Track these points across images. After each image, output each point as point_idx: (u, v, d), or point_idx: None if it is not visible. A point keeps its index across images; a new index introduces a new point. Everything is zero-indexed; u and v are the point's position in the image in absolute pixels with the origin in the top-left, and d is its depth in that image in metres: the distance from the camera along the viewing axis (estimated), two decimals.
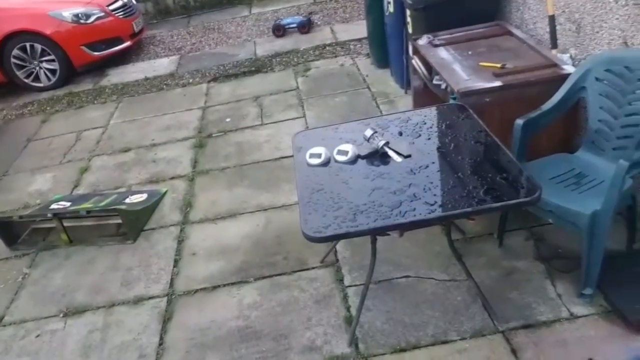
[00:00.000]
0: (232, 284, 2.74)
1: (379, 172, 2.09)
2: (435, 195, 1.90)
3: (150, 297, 2.75)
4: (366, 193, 1.97)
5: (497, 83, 2.56)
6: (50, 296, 2.88)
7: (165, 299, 2.73)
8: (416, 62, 3.19)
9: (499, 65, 2.71)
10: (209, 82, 5.35)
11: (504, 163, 2.03)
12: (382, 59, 4.67)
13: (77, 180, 4.00)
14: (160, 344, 2.48)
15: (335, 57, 5.35)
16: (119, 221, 3.19)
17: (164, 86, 5.47)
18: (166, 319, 2.60)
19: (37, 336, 2.65)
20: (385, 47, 4.45)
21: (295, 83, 4.91)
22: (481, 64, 2.78)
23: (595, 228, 2.04)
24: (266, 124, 4.29)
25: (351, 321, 2.39)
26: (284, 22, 6.26)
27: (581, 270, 2.22)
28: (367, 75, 4.79)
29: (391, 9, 3.98)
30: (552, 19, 2.76)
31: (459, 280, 2.51)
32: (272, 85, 4.97)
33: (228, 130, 4.29)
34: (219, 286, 2.75)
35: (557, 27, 2.79)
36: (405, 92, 4.27)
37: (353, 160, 2.20)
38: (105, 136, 4.61)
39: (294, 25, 6.14)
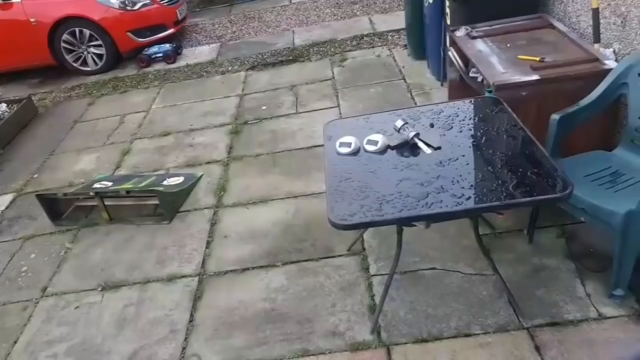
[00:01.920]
0: (261, 267, 2.82)
1: (407, 162, 2.10)
2: (463, 188, 1.90)
3: (183, 276, 2.86)
4: (393, 183, 1.98)
5: (535, 76, 2.51)
6: (90, 270, 3.04)
7: (196, 278, 2.83)
8: (453, 54, 3.16)
9: (537, 58, 2.66)
10: (247, 70, 5.43)
11: (536, 158, 2.00)
12: (419, 51, 4.63)
13: (119, 161, 4.17)
14: (191, 321, 2.58)
15: (373, 47, 5.33)
16: (157, 202, 3.32)
17: (204, 73, 5.59)
18: (197, 298, 2.71)
19: (77, 307, 2.80)
20: (423, 38, 4.41)
21: (331, 73, 4.94)
22: (519, 57, 2.72)
23: (629, 228, 1.99)
24: (300, 113, 4.34)
25: (374, 309, 2.42)
26: (149, 52, 6.09)
27: (612, 270, 2.17)
28: (403, 67, 4.76)
29: (430, 0, 3.94)
30: (596, 12, 2.67)
31: (485, 275, 2.50)
32: (308, 74, 5.01)
33: (263, 118, 4.37)
34: (248, 269, 2.83)
35: (601, 21, 2.70)
36: (441, 85, 4.22)
37: (382, 151, 2.21)
38: (147, 120, 4.78)
39: (160, 54, 6.06)
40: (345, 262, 2.74)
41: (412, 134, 2.18)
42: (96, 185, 3.66)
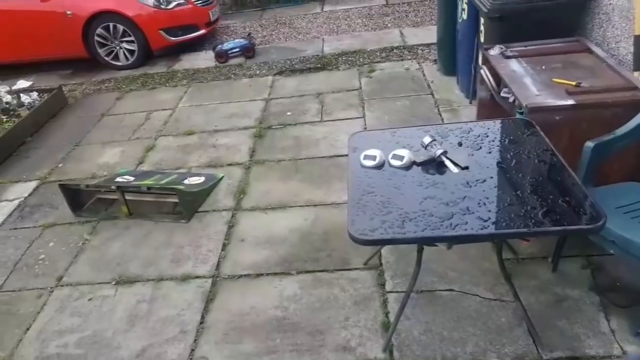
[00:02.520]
0: (275, 274, 2.79)
1: (433, 180, 2.06)
2: (489, 211, 1.84)
3: (197, 277, 2.85)
4: (417, 201, 1.94)
5: (570, 101, 2.44)
6: (106, 264, 3.05)
7: (210, 280, 2.81)
8: (485, 72, 3.10)
9: (573, 82, 2.59)
10: (275, 75, 5.45)
11: (568, 186, 1.94)
12: (449, 66, 4.58)
13: (143, 157, 4.20)
14: (201, 323, 2.56)
15: (402, 60, 5.30)
16: (176, 200, 3.33)
17: (232, 75, 5.63)
18: (209, 300, 2.69)
19: (90, 300, 2.81)
20: (454, 54, 4.36)
21: (358, 83, 4.91)
22: (555, 80, 2.66)
23: None
24: (325, 121, 4.32)
25: (388, 327, 2.37)
26: (226, 47, 6.03)
27: None
28: (432, 82, 4.71)
29: (465, 15, 3.89)
30: (638, 40, 2.60)
31: (505, 301, 2.43)
32: (335, 83, 4.99)
33: (287, 124, 4.36)
34: (262, 274, 2.80)
35: None
36: (470, 102, 4.16)
37: (408, 166, 2.17)
38: (173, 118, 4.81)
39: (237, 50, 6.01)
40: (361, 275, 2.70)
41: (439, 151, 2.14)
42: (118, 179, 3.69)
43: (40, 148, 4.63)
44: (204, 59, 6.27)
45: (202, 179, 3.69)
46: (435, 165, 2.15)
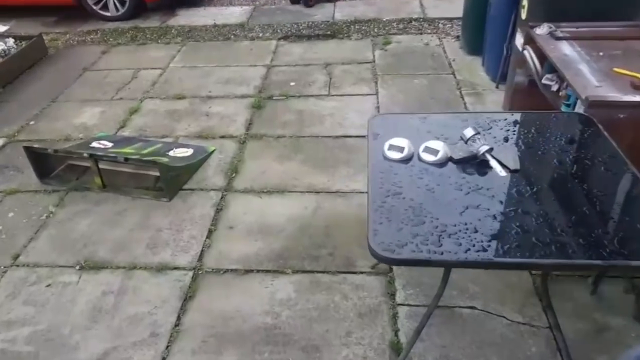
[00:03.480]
0: (267, 271, 2.40)
1: (475, 184, 1.65)
2: (550, 231, 1.44)
3: (175, 268, 2.45)
4: (457, 210, 1.53)
5: (638, 97, 2.03)
6: (71, 243, 2.63)
7: (191, 273, 2.41)
8: (529, 53, 2.66)
9: (639, 75, 2.16)
10: (279, 39, 4.94)
11: None
12: (474, 44, 4.12)
13: (125, 120, 3.74)
14: (176, 325, 2.17)
15: (421, 34, 4.81)
16: (158, 174, 2.89)
17: (232, 36, 5.11)
18: (188, 297, 2.30)
19: (48, 286, 2.40)
20: (482, 30, 3.90)
21: (371, 55, 4.44)
22: (616, 69, 2.23)
23: None
24: (333, 95, 3.87)
25: (397, 348, 2.00)
26: None
27: None
28: (453, 60, 4.25)
29: None
30: None
31: (535, 326, 2.06)
32: (346, 53, 4.51)
33: (290, 95, 3.90)
34: (252, 271, 2.41)
35: None
36: (497, 87, 3.72)
37: (442, 163, 1.76)
38: (163, 79, 4.32)
39: None
40: (367, 281, 2.31)
41: (483, 148, 1.72)
42: (94, 144, 3.23)
43: (12, 101, 4.14)
44: (202, 15, 5.72)
45: (190, 151, 3.25)
46: (476, 164, 1.74)
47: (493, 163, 1.71)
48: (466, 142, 1.77)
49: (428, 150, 1.79)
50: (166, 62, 4.63)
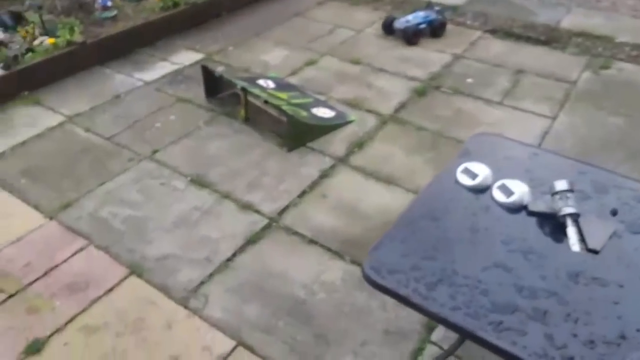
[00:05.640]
0: (329, 250, 2.36)
1: (528, 246, 1.33)
2: (576, 335, 1.09)
3: (257, 211, 2.58)
4: (482, 263, 1.27)
5: None
6: (197, 158, 2.97)
7: (266, 221, 2.52)
8: None
9: None
10: (485, 31, 4.54)
11: None
12: None
13: (299, 69, 3.95)
14: (229, 260, 2.32)
15: None
16: None
17: None
18: (251, 241, 2.41)
19: (162, 184, 2.78)
20: None
21: (576, 75, 3.78)
22: None
23: None
24: (505, 105, 3.45)
25: None
26: (412, 21, 4.29)
27: None
28: None
29: None
30: None
31: None
32: (548, 65, 3.93)
33: (459, 91, 3.60)
34: (316, 243, 2.40)
35: None
36: None
37: (513, 208, 1.45)
38: (352, 41, 4.41)
39: (424, 26, 4.33)
40: None
41: (567, 210, 1.36)
42: (260, 82, 3.52)
43: (229, 25, 4.72)
44: None
45: (332, 113, 3.30)
46: (550, 224, 1.39)
47: (570, 231, 1.35)
48: (552, 195, 1.42)
49: (503, 188, 1.50)
50: (363, 26, 4.68)
